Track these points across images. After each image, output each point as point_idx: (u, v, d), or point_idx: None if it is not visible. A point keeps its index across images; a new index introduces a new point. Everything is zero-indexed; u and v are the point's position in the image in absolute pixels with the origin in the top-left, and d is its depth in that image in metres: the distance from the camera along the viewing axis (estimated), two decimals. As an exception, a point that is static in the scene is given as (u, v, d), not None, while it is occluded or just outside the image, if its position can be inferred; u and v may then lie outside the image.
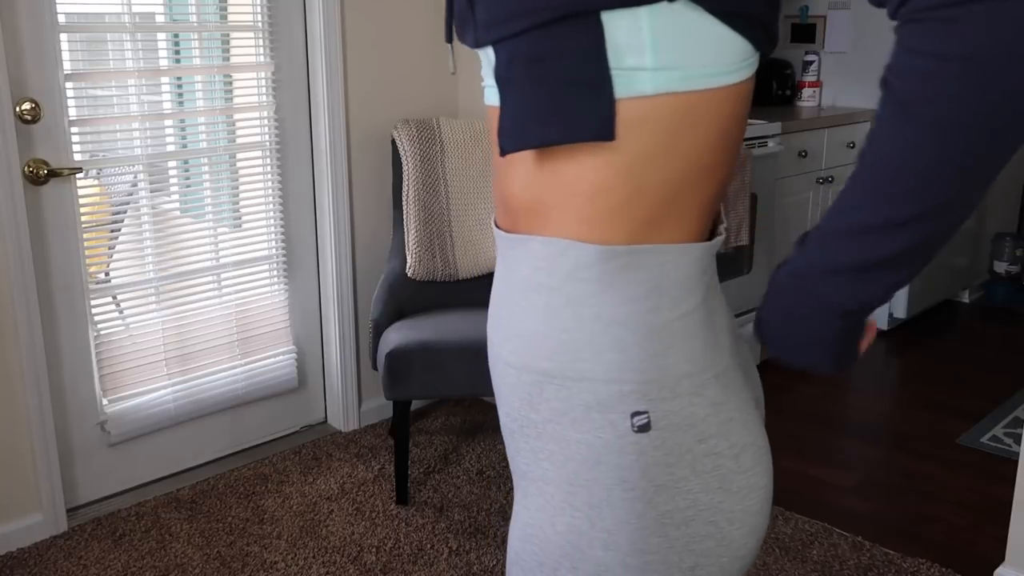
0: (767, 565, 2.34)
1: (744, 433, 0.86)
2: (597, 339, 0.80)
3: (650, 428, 0.81)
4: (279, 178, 2.90)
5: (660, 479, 0.82)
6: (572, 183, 0.80)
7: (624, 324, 0.80)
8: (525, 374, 0.85)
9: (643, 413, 0.81)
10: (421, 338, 2.52)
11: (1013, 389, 3.49)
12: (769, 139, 3.40)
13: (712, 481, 0.83)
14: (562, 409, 0.82)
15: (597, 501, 0.82)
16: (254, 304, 2.91)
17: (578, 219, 0.80)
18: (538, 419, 0.84)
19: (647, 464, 0.81)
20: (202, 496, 2.69)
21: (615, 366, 0.80)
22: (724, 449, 0.84)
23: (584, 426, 0.82)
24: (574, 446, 0.83)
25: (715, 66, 0.76)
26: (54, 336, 2.50)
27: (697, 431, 0.82)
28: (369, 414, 3.18)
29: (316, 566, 2.34)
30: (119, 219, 2.66)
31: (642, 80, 0.76)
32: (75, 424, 2.59)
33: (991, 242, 4.67)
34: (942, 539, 2.49)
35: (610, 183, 0.79)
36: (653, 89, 0.76)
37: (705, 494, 0.83)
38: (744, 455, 0.85)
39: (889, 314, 4.10)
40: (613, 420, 0.81)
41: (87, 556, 2.40)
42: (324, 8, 2.80)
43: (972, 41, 0.65)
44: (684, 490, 0.82)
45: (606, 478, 0.82)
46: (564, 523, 0.84)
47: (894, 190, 0.72)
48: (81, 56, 2.50)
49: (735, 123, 0.81)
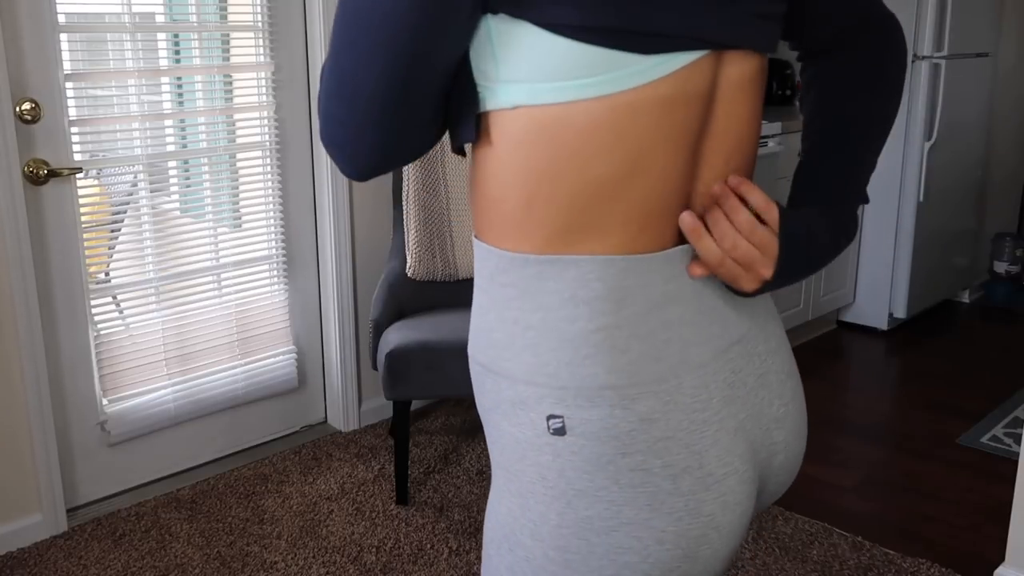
0: (767, 565, 2.34)
1: (687, 455, 0.82)
2: (516, 341, 0.83)
3: (565, 432, 0.81)
4: (279, 178, 2.90)
5: (579, 484, 0.81)
6: (483, 193, 0.83)
7: (539, 330, 0.81)
8: (474, 364, 0.89)
9: (558, 417, 0.81)
10: (421, 338, 2.52)
11: (1013, 389, 3.49)
12: (769, 139, 3.40)
13: (639, 497, 0.81)
14: (496, 400, 0.86)
15: (525, 491, 0.84)
16: (254, 304, 2.91)
17: (492, 227, 0.83)
18: (486, 405, 0.88)
19: (563, 467, 0.81)
20: (202, 496, 2.69)
21: (531, 369, 0.82)
22: (655, 467, 0.81)
23: (512, 419, 0.84)
24: (507, 436, 0.85)
25: (564, 79, 0.74)
26: (54, 336, 2.50)
27: (620, 444, 0.80)
28: (369, 414, 3.18)
29: (316, 566, 2.34)
30: (119, 219, 2.66)
31: (498, 93, 0.77)
32: (75, 424, 2.59)
33: (991, 242, 4.67)
34: (942, 539, 2.49)
35: (503, 194, 0.81)
36: (508, 102, 0.77)
37: (630, 508, 0.81)
38: (684, 477, 0.81)
39: (889, 314, 4.10)
40: (532, 419, 0.82)
41: (87, 556, 2.40)
42: (324, 8, 2.80)
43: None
44: (605, 499, 0.81)
45: (529, 472, 0.84)
46: (505, 506, 0.87)
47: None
48: (81, 56, 2.50)
49: (620, 138, 0.76)
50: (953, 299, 4.62)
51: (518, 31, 0.74)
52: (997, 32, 4.22)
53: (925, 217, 4.01)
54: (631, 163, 0.77)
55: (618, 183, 0.78)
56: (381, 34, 0.74)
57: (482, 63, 0.77)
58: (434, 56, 0.75)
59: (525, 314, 0.82)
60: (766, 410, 0.90)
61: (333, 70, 0.78)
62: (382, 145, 0.79)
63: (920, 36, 3.82)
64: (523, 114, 0.77)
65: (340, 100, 0.78)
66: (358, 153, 0.80)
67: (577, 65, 0.73)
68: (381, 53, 0.74)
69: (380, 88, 0.76)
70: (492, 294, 0.84)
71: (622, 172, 0.77)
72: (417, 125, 0.79)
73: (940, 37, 3.82)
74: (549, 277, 0.80)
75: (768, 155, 3.40)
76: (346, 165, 0.82)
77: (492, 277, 0.84)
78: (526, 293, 0.81)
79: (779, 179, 3.54)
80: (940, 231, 4.17)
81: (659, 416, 0.81)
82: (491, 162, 0.81)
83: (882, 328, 4.13)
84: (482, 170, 0.83)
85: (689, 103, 0.77)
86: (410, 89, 0.76)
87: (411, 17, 0.72)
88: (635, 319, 0.80)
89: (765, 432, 0.90)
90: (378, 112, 0.77)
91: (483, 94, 0.79)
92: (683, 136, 0.78)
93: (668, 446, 0.81)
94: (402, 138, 0.79)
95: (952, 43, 3.85)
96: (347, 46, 0.76)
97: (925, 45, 3.82)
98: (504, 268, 0.82)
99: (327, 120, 0.80)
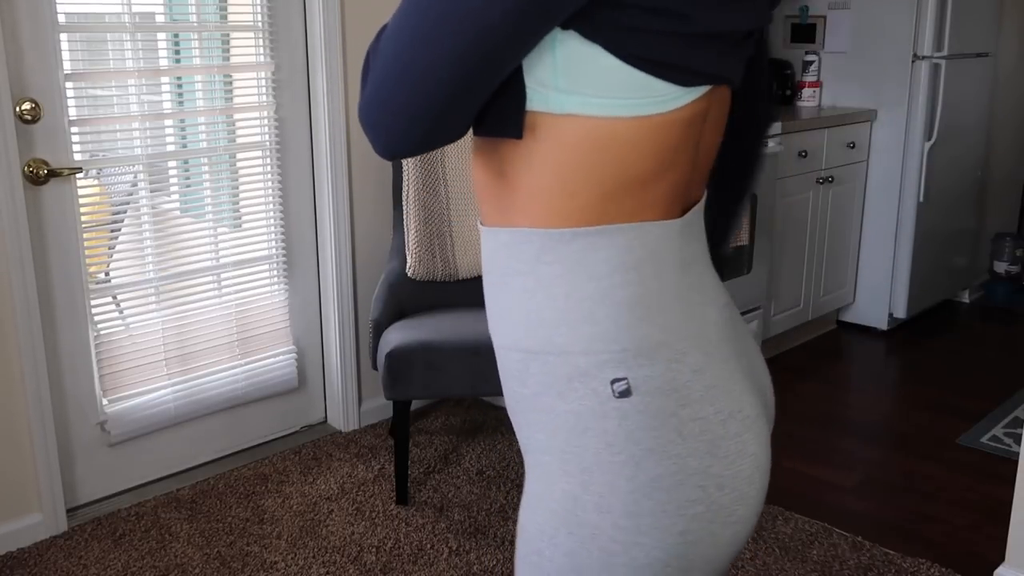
0: (767, 565, 2.34)
1: (729, 400, 0.90)
2: (571, 315, 0.87)
3: (631, 393, 0.86)
4: (279, 178, 2.90)
5: (646, 443, 0.86)
6: (519, 183, 0.89)
7: (594, 299, 0.87)
8: (512, 353, 0.92)
9: (622, 379, 0.86)
10: (421, 338, 2.52)
11: (1013, 389, 3.49)
12: (769, 139, 3.40)
13: (700, 446, 0.87)
14: (547, 382, 0.89)
15: (588, 466, 0.87)
16: (254, 304, 2.91)
17: (529, 213, 0.89)
18: (528, 393, 0.91)
19: (631, 428, 0.86)
20: (202, 496, 2.69)
21: (590, 338, 0.87)
22: (710, 414, 0.88)
23: (568, 396, 0.88)
24: (562, 416, 0.88)
25: (617, 98, 0.83)
26: (54, 336, 2.50)
27: (680, 396, 0.87)
28: (369, 414, 3.18)
29: (316, 566, 2.34)
30: (119, 219, 2.66)
31: (550, 99, 0.84)
32: (75, 424, 2.59)
33: (991, 242, 4.67)
34: (942, 539, 2.49)
35: (544, 183, 0.88)
36: (560, 109, 0.84)
37: (693, 458, 0.87)
38: (731, 421, 0.89)
39: (889, 314, 4.10)
40: (595, 388, 0.87)
41: (87, 556, 2.40)
42: (324, 8, 2.80)
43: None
44: (672, 454, 0.87)
45: (594, 443, 0.87)
46: (560, 490, 0.89)
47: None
48: (81, 56, 2.50)
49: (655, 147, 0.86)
50: (953, 299, 4.62)
51: (585, 50, 0.81)
52: (997, 32, 4.22)
53: (925, 217, 4.01)
54: (661, 164, 0.88)
55: (649, 179, 0.88)
56: (466, 39, 0.78)
57: (538, 69, 0.83)
58: (508, 63, 0.81)
59: (577, 287, 0.87)
60: (755, 361, 1.02)
61: (399, 58, 0.81)
62: (427, 132, 0.84)
63: (920, 36, 3.82)
64: (572, 120, 0.84)
65: (401, 89, 0.82)
66: (402, 139, 0.85)
67: (630, 87, 0.83)
68: (461, 56, 0.79)
69: (450, 88, 0.81)
70: (538, 275, 0.89)
71: (655, 171, 0.88)
72: (466, 118, 0.85)
73: (940, 37, 3.82)
74: (599, 247, 0.87)
75: (768, 155, 3.40)
76: (383, 147, 0.86)
77: (537, 258, 0.88)
78: (577, 266, 0.87)
79: (779, 179, 3.54)
80: (940, 231, 4.17)
81: (704, 367, 0.89)
82: (534, 156, 0.87)
83: (882, 328, 4.13)
84: (519, 162, 0.88)
85: (699, 119, 0.90)
86: (476, 90, 0.82)
87: (504, 28, 0.78)
88: (671, 281, 0.89)
89: (759, 379, 1.01)
90: (439, 107, 0.82)
91: (532, 95, 0.85)
92: (695, 140, 0.91)
93: (716, 394, 0.89)
94: (449, 129, 0.85)
95: (952, 43, 3.85)
96: (424, 41, 0.80)
97: (925, 45, 3.82)
98: (550, 247, 0.88)
99: (378, 104, 0.84)
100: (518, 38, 0.79)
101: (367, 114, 0.85)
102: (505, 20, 0.78)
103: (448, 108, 0.82)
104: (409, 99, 0.82)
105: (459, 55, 0.79)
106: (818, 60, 4.06)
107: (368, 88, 0.85)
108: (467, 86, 0.81)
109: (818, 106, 4.08)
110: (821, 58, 4.09)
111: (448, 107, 0.82)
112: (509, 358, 0.93)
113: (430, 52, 0.80)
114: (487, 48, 0.79)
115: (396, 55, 0.82)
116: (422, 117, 0.83)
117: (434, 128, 0.84)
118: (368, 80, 0.85)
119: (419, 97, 0.82)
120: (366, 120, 0.86)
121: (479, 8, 0.77)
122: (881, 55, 3.91)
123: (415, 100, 0.82)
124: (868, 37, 3.94)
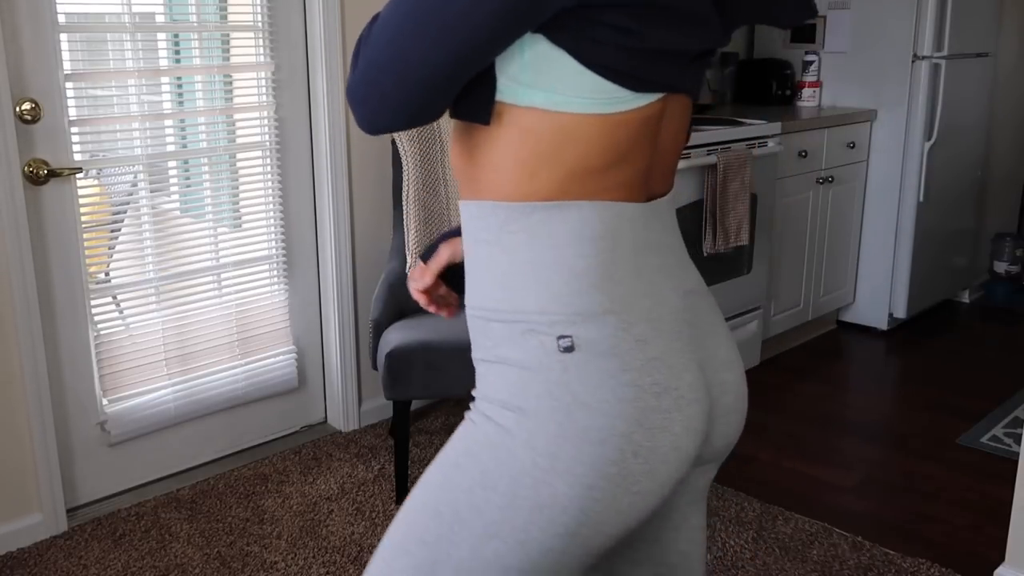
0: (767, 565, 2.35)
1: (668, 375, 0.97)
2: (529, 279, 0.97)
3: (574, 349, 0.95)
4: (279, 178, 2.90)
5: (582, 396, 0.94)
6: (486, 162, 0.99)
7: (551, 266, 0.96)
8: (479, 312, 1.02)
9: (568, 336, 0.95)
10: (421, 338, 2.52)
11: (1013, 389, 3.49)
12: (769, 139, 3.40)
13: (630, 411, 0.94)
14: (505, 334, 0.99)
15: (527, 407, 0.96)
16: (254, 304, 2.91)
17: (496, 188, 0.99)
18: (490, 344, 1.01)
19: (570, 380, 0.94)
20: (202, 496, 2.69)
21: (546, 300, 0.96)
22: (646, 384, 0.95)
23: (521, 346, 0.97)
24: (513, 362, 0.98)
25: (576, 96, 0.93)
26: (54, 336, 2.50)
27: (621, 361, 0.95)
28: (369, 414, 3.18)
29: (316, 566, 2.34)
30: (119, 219, 2.66)
31: (518, 93, 0.94)
32: (75, 424, 2.59)
33: (991, 242, 4.67)
34: (942, 539, 2.49)
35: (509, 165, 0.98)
36: (526, 102, 0.94)
37: (621, 421, 0.94)
38: (665, 396, 0.96)
39: (889, 314, 4.10)
40: (543, 341, 0.96)
41: (87, 556, 2.40)
42: (324, 8, 2.80)
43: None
44: (603, 411, 0.94)
45: (536, 388, 0.95)
46: (496, 423, 0.98)
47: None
48: (81, 56, 2.50)
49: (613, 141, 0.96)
50: (953, 299, 4.62)
51: (552, 53, 0.92)
52: (997, 32, 4.23)
53: (925, 217, 4.01)
54: (617, 155, 0.98)
55: (606, 167, 0.97)
56: (453, 33, 0.88)
57: (509, 65, 0.93)
58: (486, 58, 0.91)
59: (538, 254, 0.97)
60: (717, 353, 1.07)
61: (391, 44, 0.91)
62: (410, 114, 0.94)
63: (920, 36, 3.82)
64: (535, 112, 0.94)
65: (389, 74, 0.91)
66: (385, 117, 0.94)
67: (591, 89, 0.93)
68: (446, 48, 0.89)
69: (435, 76, 0.90)
70: (503, 243, 0.98)
71: (612, 161, 0.97)
72: (444, 102, 0.94)
73: (940, 37, 3.82)
74: (558, 220, 0.96)
75: (768, 155, 3.40)
76: (367, 123, 0.96)
77: (501, 227, 0.98)
78: (537, 235, 0.97)
79: (779, 179, 3.55)
80: (940, 231, 4.18)
81: (649, 339, 0.97)
82: (499, 140, 0.97)
83: (882, 328, 4.13)
84: (486, 144, 0.98)
85: (653, 119, 1.00)
86: (455, 79, 0.92)
87: (489, 23, 0.87)
88: (626, 258, 0.98)
89: (715, 372, 1.06)
90: (423, 92, 0.91)
91: (501, 88, 0.94)
92: (650, 138, 1.01)
93: (657, 366, 0.96)
94: (428, 111, 0.94)
95: (952, 43, 3.85)
96: (412, 32, 0.89)
97: (925, 45, 3.82)
98: (514, 218, 0.97)
99: (366, 84, 0.93)
100: (496, 37, 0.89)
101: (355, 92, 0.95)
102: (487, 20, 0.87)
103: (429, 93, 0.92)
104: (396, 82, 0.91)
105: (444, 47, 0.89)
106: (818, 60, 4.06)
107: (359, 69, 0.94)
108: (447, 75, 0.91)
109: (818, 106, 4.08)
110: (821, 58, 4.09)
111: (429, 92, 0.92)
112: (475, 317, 1.03)
113: (418, 42, 0.89)
114: (469, 44, 0.89)
115: (389, 42, 0.91)
116: (405, 99, 0.92)
117: (415, 110, 0.93)
118: (359, 62, 0.94)
119: (405, 82, 0.91)
120: (354, 97, 0.95)
121: (465, 8, 0.87)
122: (881, 55, 3.92)
123: (401, 84, 0.91)
124: (868, 37, 3.94)
